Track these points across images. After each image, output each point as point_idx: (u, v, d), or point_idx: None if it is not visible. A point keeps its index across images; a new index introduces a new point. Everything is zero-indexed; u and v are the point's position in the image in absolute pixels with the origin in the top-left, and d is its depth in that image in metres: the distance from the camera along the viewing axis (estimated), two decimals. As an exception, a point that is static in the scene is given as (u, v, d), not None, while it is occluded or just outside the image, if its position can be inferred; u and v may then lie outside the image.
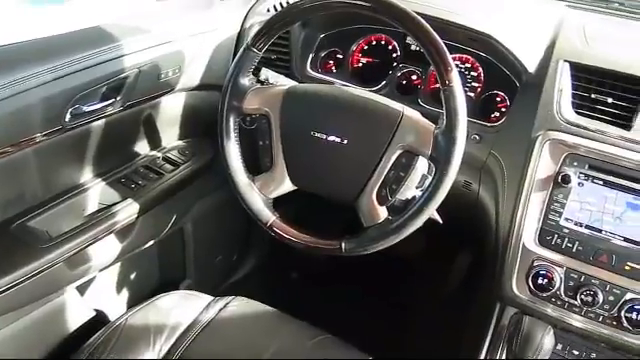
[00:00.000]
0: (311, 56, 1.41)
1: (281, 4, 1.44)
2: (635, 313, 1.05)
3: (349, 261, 1.16)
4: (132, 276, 1.56)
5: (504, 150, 1.19)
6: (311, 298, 1.76)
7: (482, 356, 1.20)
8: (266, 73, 1.17)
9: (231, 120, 1.07)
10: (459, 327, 1.49)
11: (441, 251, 1.95)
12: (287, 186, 1.08)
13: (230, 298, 1.26)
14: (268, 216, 1.07)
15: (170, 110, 1.42)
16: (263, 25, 1.04)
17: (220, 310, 1.22)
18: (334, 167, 1.03)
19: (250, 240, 1.95)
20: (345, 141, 1.01)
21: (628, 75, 1.09)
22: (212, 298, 1.26)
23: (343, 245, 1.02)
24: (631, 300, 1.05)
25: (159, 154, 1.45)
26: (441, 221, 1.09)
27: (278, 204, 1.10)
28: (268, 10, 1.45)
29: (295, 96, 1.06)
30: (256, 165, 1.10)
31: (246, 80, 1.07)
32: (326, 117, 1.04)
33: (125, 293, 1.54)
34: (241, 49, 1.06)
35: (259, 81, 1.14)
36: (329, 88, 1.09)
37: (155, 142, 1.45)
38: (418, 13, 0.96)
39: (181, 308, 1.23)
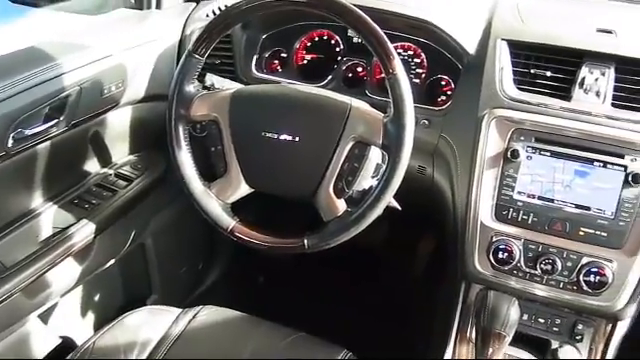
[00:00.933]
0: (255, 57, 1.40)
1: (220, 8, 1.43)
2: (592, 276, 1.09)
3: (315, 259, 1.17)
4: (96, 297, 1.53)
5: (453, 132, 1.21)
6: (281, 299, 1.76)
7: (453, 333, 1.23)
8: (211, 78, 1.16)
9: (180, 129, 1.06)
10: (430, 309, 1.51)
11: (405, 237, 1.97)
12: (244, 189, 1.07)
13: (199, 308, 1.25)
14: (228, 221, 1.07)
15: (118, 125, 1.40)
16: (203, 30, 1.03)
17: (190, 321, 1.21)
18: (289, 165, 1.04)
19: (214, 248, 1.94)
20: (297, 138, 1.01)
21: (563, 48, 1.13)
22: (181, 310, 1.25)
23: (306, 242, 1.02)
24: (588, 264, 1.09)
25: (111, 171, 1.42)
26: (400, 208, 1.11)
27: (239, 208, 1.10)
28: (207, 15, 1.44)
29: (242, 99, 1.06)
30: (211, 172, 1.09)
31: (191, 87, 1.06)
32: (275, 116, 1.04)
33: (91, 316, 1.51)
34: (183, 56, 1.05)
35: (205, 87, 1.13)
36: (276, 87, 1.09)
37: (105, 159, 1.42)
38: (356, 5, 0.97)
39: (150, 324, 1.21)
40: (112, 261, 1.45)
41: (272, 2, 0.99)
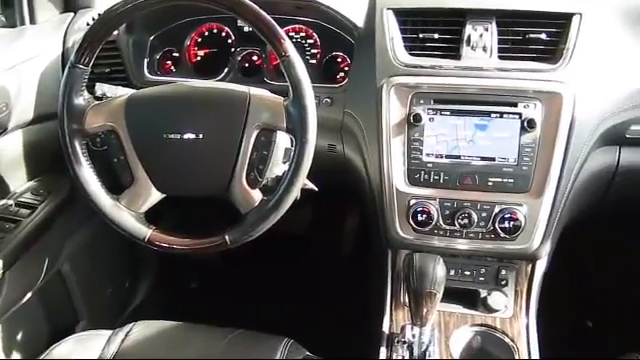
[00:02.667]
0: (146, 61, 1.36)
1: (99, 15, 1.37)
2: (507, 222, 1.14)
3: (245, 255, 1.15)
4: (19, 334, 1.44)
5: (356, 106, 1.23)
6: (217, 302, 1.74)
7: (388, 301, 1.25)
8: (101, 87, 1.11)
9: (77, 145, 1.01)
10: (364, 282, 1.54)
11: (330, 218, 1.99)
12: (155, 196, 1.04)
13: (130, 325, 1.20)
14: (143, 231, 1.03)
15: (10, 151, 1.31)
16: (82, 38, 0.98)
17: (122, 341, 1.16)
18: (197, 164, 1.01)
19: (138, 263, 1.87)
20: (200, 136, 0.99)
21: (445, 9, 1.17)
22: (111, 332, 1.20)
23: (227, 238, 1.00)
24: (501, 211, 1.14)
25: (10, 201, 1.34)
26: (316, 188, 1.12)
27: (156, 217, 1.06)
28: (87, 24, 1.38)
29: (138, 103, 1.02)
30: (118, 184, 1.05)
31: (81, 99, 1.01)
32: (175, 117, 1.01)
33: (16, 354, 1.42)
34: (66, 68, 1.00)
35: (97, 98, 1.08)
36: (170, 87, 1.06)
37: (2, 189, 1.33)
38: None
39: (80, 351, 1.15)
40: (29, 294, 1.36)
41: (148, 1, 0.96)
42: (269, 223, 1.00)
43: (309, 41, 1.32)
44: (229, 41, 1.36)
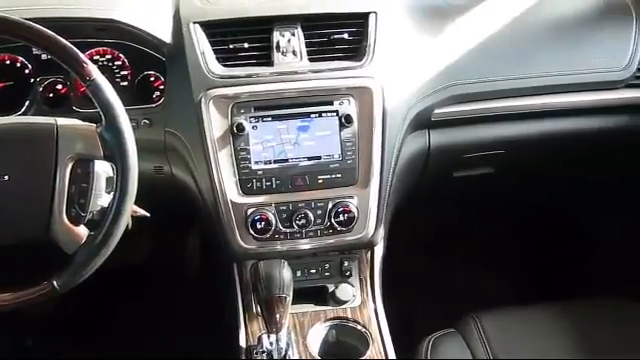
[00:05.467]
0: None
1: None
2: (341, 215, 1.19)
3: (83, 297, 1.06)
4: None
5: (177, 124, 1.20)
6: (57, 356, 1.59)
7: (241, 314, 1.24)
8: None
9: None
10: (215, 300, 1.50)
11: (171, 240, 1.93)
12: None
13: None
14: None
15: None
16: None
17: None
18: (7, 209, 0.91)
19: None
20: (7, 177, 0.90)
21: (251, 18, 1.19)
22: None
23: (55, 283, 0.92)
24: (334, 206, 1.19)
25: None
26: (148, 214, 1.07)
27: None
28: None
29: None
30: None
31: None
32: None
33: None
34: None
35: None
36: None
37: None
38: (29, 19, 0.89)
39: None
40: None
41: None
42: (100, 259, 0.93)
43: (117, 63, 1.26)
44: (26, 71, 1.25)
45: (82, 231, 0.93)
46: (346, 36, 1.21)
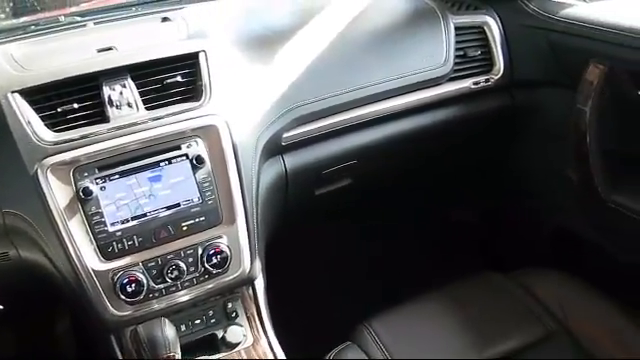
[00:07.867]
0: None
1: None
2: (214, 258, 1.16)
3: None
4: None
5: (16, 202, 1.11)
6: None
7: None
8: None
9: None
10: None
11: (39, 328, 1.77)
12: None
13: None
14: None
15: None
16: None
17: None
18: None
19: None
20: None
21: (73, 78, 1.12)
22: None
23: None
24: (204, 250, 1.15)
25: None
26: (1, 306, 0.97)
27: None
28: None
29: None
30: None
31: None
32: None
33: None
34: None
35: None
36: None
37: None
38: None
39: None
40: None
41: None
42: None
43: None
44: None
45: None
46: (179, 79, 1.19)
